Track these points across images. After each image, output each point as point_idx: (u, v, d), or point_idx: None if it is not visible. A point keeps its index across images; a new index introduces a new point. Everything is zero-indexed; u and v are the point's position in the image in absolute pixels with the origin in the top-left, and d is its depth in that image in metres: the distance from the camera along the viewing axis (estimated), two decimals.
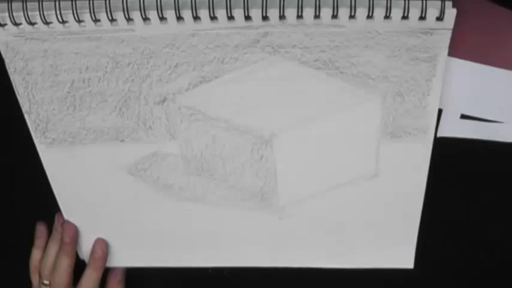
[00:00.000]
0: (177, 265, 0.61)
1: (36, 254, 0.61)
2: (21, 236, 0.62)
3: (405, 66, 0.47)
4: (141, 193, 0.56)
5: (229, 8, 0.44)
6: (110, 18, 0.45)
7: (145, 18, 0.45)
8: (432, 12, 0.43)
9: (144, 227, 0.58)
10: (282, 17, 0.45)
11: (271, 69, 0.48)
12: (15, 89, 0.50)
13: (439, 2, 0.43)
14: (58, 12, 0.45)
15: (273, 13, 0.44)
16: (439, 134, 0.52)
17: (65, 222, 0.59)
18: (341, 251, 0.60)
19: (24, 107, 0.51)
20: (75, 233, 0.59)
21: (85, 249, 0.61)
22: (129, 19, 0.45)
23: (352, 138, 0.52)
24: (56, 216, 0.60)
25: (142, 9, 0.44)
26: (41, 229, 0.61)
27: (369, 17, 0.44)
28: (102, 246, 0.60)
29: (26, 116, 0.52)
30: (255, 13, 0.44)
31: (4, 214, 0.62)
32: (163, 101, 0.51)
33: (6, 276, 0.60)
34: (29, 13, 0.45)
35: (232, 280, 0.63)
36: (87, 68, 0.49)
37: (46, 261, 0.60)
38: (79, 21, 0.45)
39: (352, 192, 0.55)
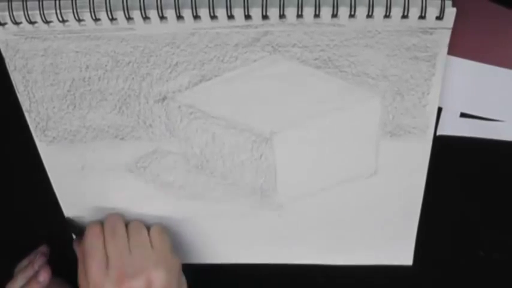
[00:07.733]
0: None
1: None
2: (21, 236, 0.62)
3: (405, 65, 0.47)
4: (141, 191, 0.56)
5: (229, 7, 0.44)
6: (110, 17, 0.45)
7: (146, 17, 0.45)
8: (432, 12, 0.43)
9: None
10: (282, 16, 0.45)
11: (271, 68, 0.48)
12: (15, 88, 0.50)
13: (439, 1, 0.43)
14: (58, 11, 0.45)
15: (273, 12, 0.44)
16: (438, 133, 0.52)
17: (44, 266, 0.57)
18: (340, 248, 0.60)
19: (25, 105, 0.51)
20: (48, 281, 0.56)
21: None
22: (129, 18, 0.45)
23: (351, 136, 0.52)
24: (38, 254, 0.58)
25: (143, 8, 0.44)
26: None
27: (369, 16, 0.44)
28: (45, 275, 0.57)
29: (26, 115, 0.52)
30: (255, 12, 0.44)
31: (4, 213, 0.62)
32: (163, 99, 0.51)
33: (6, 276, 0.60)
34: (29, 12, 0.45)
35: (231, 277, 0.63)
36: (87, 66, 0.49)
37: None
38: (79, 20, 0.45)
39: (351, 190, 0.55)
